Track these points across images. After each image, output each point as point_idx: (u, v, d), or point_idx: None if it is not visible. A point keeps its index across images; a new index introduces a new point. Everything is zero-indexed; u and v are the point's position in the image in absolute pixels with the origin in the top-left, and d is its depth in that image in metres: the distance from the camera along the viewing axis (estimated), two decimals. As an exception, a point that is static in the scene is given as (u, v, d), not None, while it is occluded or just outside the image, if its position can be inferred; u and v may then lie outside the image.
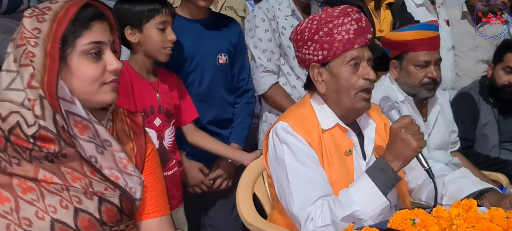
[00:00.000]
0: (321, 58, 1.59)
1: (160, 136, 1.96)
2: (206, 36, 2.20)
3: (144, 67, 1.94)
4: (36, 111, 1.13)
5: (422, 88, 2.22)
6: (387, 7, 2.68)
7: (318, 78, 1.63)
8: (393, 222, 1.13)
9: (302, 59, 1.66)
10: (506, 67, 2.79)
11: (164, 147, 1.98)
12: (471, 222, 1.06)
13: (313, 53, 1.60)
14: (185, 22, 2.15)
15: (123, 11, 1.85)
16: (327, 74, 1.61)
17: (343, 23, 1.56)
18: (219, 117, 2.27)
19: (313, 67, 1.63)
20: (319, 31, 1.58)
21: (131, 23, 1.86)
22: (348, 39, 1.56)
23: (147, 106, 1.91)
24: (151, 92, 1.93)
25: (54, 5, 1.19)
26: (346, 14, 1.58)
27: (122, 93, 1.78)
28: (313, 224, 1.47)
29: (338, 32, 1.56)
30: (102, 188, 1.21)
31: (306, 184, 1.53)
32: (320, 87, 1.63)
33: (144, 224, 1.35)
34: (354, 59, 1.57)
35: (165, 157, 1.98)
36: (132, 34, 1.88)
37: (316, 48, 1.59)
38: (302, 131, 1.59)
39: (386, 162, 1.47)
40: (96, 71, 1.21)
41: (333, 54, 1.58)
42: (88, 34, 1.20)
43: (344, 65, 1.58)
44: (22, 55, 1.15)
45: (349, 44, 1.56)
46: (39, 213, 1.14)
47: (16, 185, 1.14)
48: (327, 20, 1.58)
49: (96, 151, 1.22)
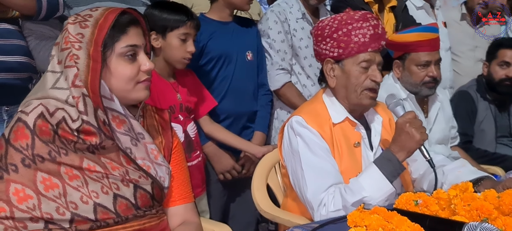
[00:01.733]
0: (336, 55, 1.70)
1: (185, 130, 2.06)
2: (235, 36, 2.36)
3: (165, 70, 2.04)
4: (80, 107, 1.24)
5: (423, 87, 2.30)
6: (390, 10, 2.79)
7: (330, 73, 1.74)
8: (398, 203, 1.26)
9: (319, 53, 1.77)
10: (501, 62, 2.86)
11: (191, 138, 2.09)
12: (467, 201, 1.19)
13: (329, 49, 1.71)
14: (217, 23, 2.29)
15: (152, 16, 1.95)
16: (339, 70, 1.72)
17: (362, 27, 1.67)
18: (250, 109, 2.40)
19: (327, 62, 1.74)
20: (338, 30, 1.69)
21: (156, 29, 1.96)
22: (364, 42, 1.67)
23: (171, 105, 2.02)
24: (172, 93, 2.04)
25: (94, 12, 1.31)
26: (365, 19, 1.69)
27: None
28: (325, 209, 1.57)
29: (356, 34, 1.67)
30: (137, 176, 1.32)
31: (319, 172, 1.64)
32: (331, 81, 1.74)
33: (171, 210, 1.46)
34: (365, 62, 1.68)
35: (191, 148, 2.09)
36: (156, 40, 1.98)
37: (334, 45, 1.70)
38: (315, 124, 1.69)
39: (392, 153, 1.58)
40: (132, 71, 1.32)
41: (347, 54, 1.69)
42: (125, 38, 1.31)
43: (355, 65, 1.69)
44: (67, 58, 1.26)
45: (364, 47, 1.67)
46: (84, 198, 1.26)
47: (64, 173, 1.25)
48: (348, 21, 1.68)
49: (131, 143, 1.34)
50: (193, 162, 2.11)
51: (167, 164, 1.43)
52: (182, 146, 1.54)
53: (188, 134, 2.08)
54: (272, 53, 2.48)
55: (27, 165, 1.23)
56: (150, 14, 1.98)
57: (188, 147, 2.08)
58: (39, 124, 1.25)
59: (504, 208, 1.19)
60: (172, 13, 1.97)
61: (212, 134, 2.23)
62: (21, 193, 1.22)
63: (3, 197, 1.21)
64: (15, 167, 1.23)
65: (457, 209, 1.19)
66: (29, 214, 1.22)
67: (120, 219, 1.30)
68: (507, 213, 1.19)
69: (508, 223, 1.10)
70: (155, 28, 1.96)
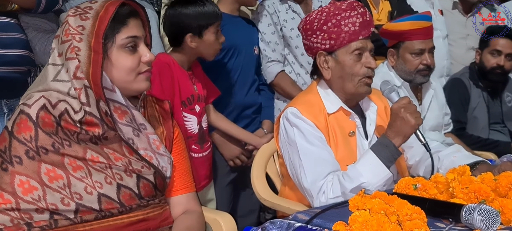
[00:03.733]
0: (328, 47, 1.72)
1: (200, 121, 2.10)
2: (243, 30, 2.43)
3: (185, 62, 2.08)
4: (82, 99, 1.26)
5: (417, 75, 2.34)
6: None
7: (324, 65, 1.75)
8: (398, 187, 1.30)
9: (310, 47, 1.78)
10: (493, 50, 2.91)
11: (204, 130, 2.12)
12: (465, 184, 1.22)
13: (321, 42, 1.73)
14: (227, 16, 2.31)
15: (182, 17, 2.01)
16: (333, 62, 1.73)
17: (350, 16, 1.69)
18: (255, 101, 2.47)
19: (320, 55, 1.75)
20: (327, 22, 1.70)
21: (192, 31, 2.00)
22: (354, 31, 1.69)
23: (189, 95, 2.06)
24: (190, 84, 2.08)
25: (94, 4, 1.31)
26: (352, 8, 1.71)
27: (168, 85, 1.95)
28: (325, 196, 1.60)
29: (346, 24, 1.69)
30: (139, 166, 1.34)
31: (316, 161, 1.66)
32: (326, 73, 1.75)
33: (173, 200, 1.48)
34: (358, 50, 1.70)
35: (203, 139, 2.13)
36: (192, 41, 2.02)
37: (324, 37, 1.71)
38: (309, 115, 1.71)
39: (388, 139, 1.60)
40: (133, 62, 1.33)
41: (339, 44, 1.70)
42: (125, 29, 1.32)
43: (348, 54, 1.70)
44: (68, 50, 1.27)
45: (355, 36, 1.69)
46: (88, 188, 1.28)
47: (67, 164, 1.27)
48: (336, 12, 1.70)
49: (133, 133, 1.35)
50: (205, 153, 2.14)
51: (169, 154, 1.45)
52: (182, 135, 1.55)
53: (202, 125, 2.11)
54: (262, 46, 2.52)
55: (31, 157, 1.25)
56: (179, 15, 2.02)
57: (201, 138, 2.11)
58: (42, 116, 1.26)
59: (501, 190, 1.22)
60: (203, 11, 2.01)
61: (215, 123, 2.26)
62: (26, 185, 1.24)
63: (8, 189, 1.23)
64: (19, 159, 1.24)
65: (455, 192, 1.23)
66: (34, 205, 1.23)
67: (124, 208, 1.32)
68: (504, 195, 1.22)
69: (505, 204, 1.13)
70: (190, 30, 2.00)
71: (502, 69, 2.91)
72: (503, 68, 2.91)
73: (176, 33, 2.05)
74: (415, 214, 1.05)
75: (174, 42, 2.09)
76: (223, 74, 2.36)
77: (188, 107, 2.05)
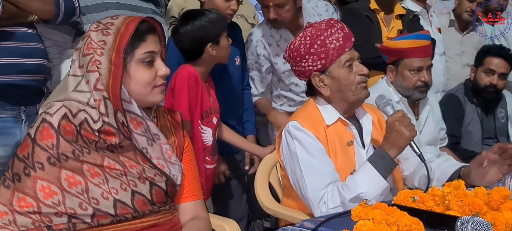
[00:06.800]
0: (320, 66, 1.77)
1: (214, 133, 2.14)
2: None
3: (205, 73, 2.13)
4: (101, 109, 1.31)
5: (415, 91, 2.40)
6: (398, 18, 2.91)
7: (321, 84, 1.80)
8: (397, 199, 1.37)
9: (302, 71, 1.82)
10: (486, 69, 2.99)
11: (215, 142, 2.17)
12: (460, 197, 1.30)
13: (312, 64, 1.78)
14: None
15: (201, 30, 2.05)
16: (328, 79, 1.79)
17: (332, 33, 1.76)
18: (239, 112, 2.49)
19: (314, 76, 1.80)
20: (313, 44, 1.76)
21: (211, 40, 2.05)
22: (340, 45, 1.75)
23: (207, 108, 2.10)
24: (207, 95, 2.12)
25: (115, 21, 1.37)
26: (331, 26, 1.78)
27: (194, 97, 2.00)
28: (325, 206, 1.65)
29: (330, 41, 1.75)
30: (152, 174, 1.39)
31: (317, 172, 1.71)
32: (324, 91, 1.80)
33: (182, 206, 1.53)
34: (348, 61, 1.76)
35: (215, 151, 2.17)
36: (213, 49, 2.07)
37: (314, 59, 1.77)
38: (310, 127, 1.76)
39: (384, 151, 1.64)
40: (150, 76, 1.39)
41: (330, 61, 1.76)
42: (143, 45, 1.37)
43: (341, 68, 1.76)
44: (89, 63, 1.32)
45: (341, 50, 1.76)
46: (104, 194, 1.33)
47: (86, 170, 1.32)
48: (318, 34, 1.76)
49: (147, 143, 1.41)
50: (214, 165, 2.19)
51: (180, 163, 1.50)
52: (191, 145, 1.60)
53: (215, 137, 2.15)
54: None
55: (52, 163, 1.30)
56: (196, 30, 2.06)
57: (214, 150, 2.14)
58: (64, 125, 1.31)
59: (493, 204, 1.30)
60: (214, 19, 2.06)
61: (220, 134, 2.29)
62: (47, 190, 1.29)
63: (30, 193, 1.28)
64: (41, 165, 1.29)
65: (451, 204, 1.30)
66: (54, 209, 1.29)
67: (137, 214, 1.37)
68: (496, 208, 1.29)
69: (497, 217, 1.20)
70: (210, 40, 2.04)
71: (495, 88, 2.99)
72: (496, 87, 2.99)
73: (196, 46, 2.07)
74: (414, 225, 1.12)
75: (192, 56, 2.11)
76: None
77: (205, 120, 2.09)
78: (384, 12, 2.93)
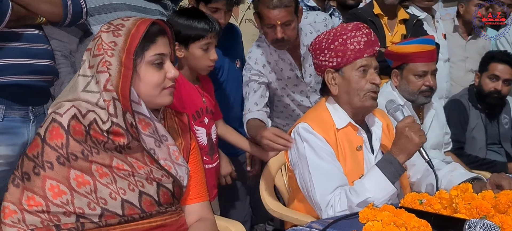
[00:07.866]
0: (335, 64, 1.81)
1: (208, 133, 2.13)
2: (226, 46, 2.41)
3: (191, 75, 2.10)
4: (110, 110, 1.31)
5: (420, 95, 2.40)
6: (402, 22, 2.92)
7: (332, 82, 1.84)
8: (404, 202, 1.37)
9: (319, 65, 1.87)
10: (491, 75, 2.98)
11: (213, 141, 2.16)
12: (467, 200, 1.31)
13: (328, 60, 1.82)
14: None
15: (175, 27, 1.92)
16: (340, 78, 1.82)
17: (356, 35, 1.79)
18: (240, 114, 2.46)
19: (328, 72, 1.84)
20: (335, 41, 1.80)
21: (179, 40, 1.98)
22: (359, 49, 1.78)
23: (198, 108, 2.08)
24: (198, 96, 2.10)
25: (126, 22, 1.38)
26: (358, 29, 1.81)
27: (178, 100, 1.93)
28: (332, 210, 1.66)
29: (351, 42, 1.78)
30: (160, 175, 1.40)
31: (325, 175, 1.72)
32: (333, 89, 1.84)
33: (188, 208, 1.53)
34: (363, 66, 1.79)
35: (213, 150, 2.16)
36: (179, 50, 2.03)
37: (332, 55, 1.81)
38: (320, 130, 1.78)
39: (393, 156, 1.66)
40: (159, 78, 1.40)
41: (345, 61, 1.79)
42: (153, 47, 1.38)
43: (354, 70, 1.79)
44: (100, 63, 1.32)
45: (360, 53, 1.78)
46: (112, 194, 1.34)
47: (95, 170, 1.33)
48: (342, 32, 1.80)
49: (154, 144, 1.41)
50: (214, 164, 2.18)
51: (186, 164, 1.51)
52: (198, 147, 1.61)
53: (211, 137, 2.15)
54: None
55: (61, 162, 1.30)
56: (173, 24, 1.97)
57: (211, 150, 2.14)
58: (73, 125, 1.32)
59: (500, 207, 1.30)
60: (193, 24, 1.99)
61: (224, 135, 2.29)
62: (56, 189, 1.30)
63: (39, 192, 1.29)
64: (50, 164, 1.30)
65: (459, 207, 1.30)
66: (63, 208, 1.30)
67: (144, 214, 1.37)
68: (503, 211, 1.30)
69: (504, 220, 1.21)
70: (177, 40, 1.97)
71: (499, 93, 2.99)
72: (500, 93, 2.99)
73: None
74: (422, 227, 1.13)
75: None
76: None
77: (197, 120, 2.08)
78: (387, 17, 2.95)
